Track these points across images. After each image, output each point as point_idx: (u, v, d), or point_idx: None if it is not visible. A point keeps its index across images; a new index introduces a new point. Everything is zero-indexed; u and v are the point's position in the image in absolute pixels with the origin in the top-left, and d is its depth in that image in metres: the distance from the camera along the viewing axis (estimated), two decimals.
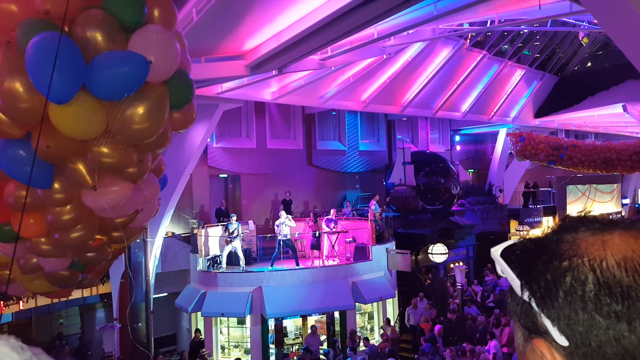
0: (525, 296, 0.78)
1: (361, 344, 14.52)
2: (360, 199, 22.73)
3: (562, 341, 0.73)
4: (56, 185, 5.54)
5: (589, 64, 27.66)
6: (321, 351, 14.54)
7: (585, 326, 0.71)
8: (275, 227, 15.52)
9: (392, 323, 15.97)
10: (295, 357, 13.93)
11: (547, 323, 0.75)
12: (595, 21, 14.87)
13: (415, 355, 13.65)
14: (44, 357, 0.74)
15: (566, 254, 0.76)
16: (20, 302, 15.83)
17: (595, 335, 0.71)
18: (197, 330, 15.39)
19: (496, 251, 0.84)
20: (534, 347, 0.77)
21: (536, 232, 0.86)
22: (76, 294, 16.29)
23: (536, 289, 0.76)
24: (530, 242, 0.82)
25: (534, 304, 0.77)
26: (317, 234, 15.81)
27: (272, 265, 15.18)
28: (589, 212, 0.83)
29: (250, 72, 12.16)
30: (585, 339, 0.72)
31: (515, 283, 0.80)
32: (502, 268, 0.82)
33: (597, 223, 0.79)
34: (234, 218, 15.29)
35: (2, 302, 14.91)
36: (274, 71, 12.80)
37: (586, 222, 0.80)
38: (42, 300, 15.98)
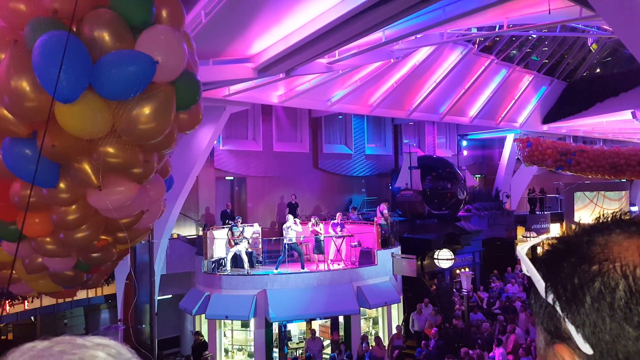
0: (550, 299, 0.74)
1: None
2: (366, 202, 22.65)
3: (587, 349, 0.69)
4: (61, 185, 5.53)
5: (598, 70, 27.46)
6: (326, 356, 14.42)
7: (613, 335, 0.67)
8: (283, 231, 15.48)
9: (395, 330, 15.81)
10: None
11: (572, 329, 0.71)
12: (605, 27, 14.79)
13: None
14: None
15: (597, 257, 0.71)
16: (25, 302, 15.87)
17: (623, 345, 0.67)
18: (197, 333, 15.30)
19: (522, 249, 0.81)
20: (556, 353, 0.74)
21: (565, 231, 0.81)
22: (81, 295, 16.31)
23: (562, 292, 0.72)
24: (559, 242, 0.78)
25: (558, 308, 0.73)
26: (322, 238, 15.74)
27: (277, 269, 15.13)
28: (625, 212, 0.79)
29: (258, 74, 12.15)
30: (611, 349, 0.67)
31: (540, 284, 0.76)
32: (527, 268, 0.78)
33: (634, 226, 0.75)
34: (240, 221, 15.26)
35: (6, 302, 14.95)
36: (281, 74, 12.79)
37: (622, 224, 0.76)
38: (47, 301, 16.01)
